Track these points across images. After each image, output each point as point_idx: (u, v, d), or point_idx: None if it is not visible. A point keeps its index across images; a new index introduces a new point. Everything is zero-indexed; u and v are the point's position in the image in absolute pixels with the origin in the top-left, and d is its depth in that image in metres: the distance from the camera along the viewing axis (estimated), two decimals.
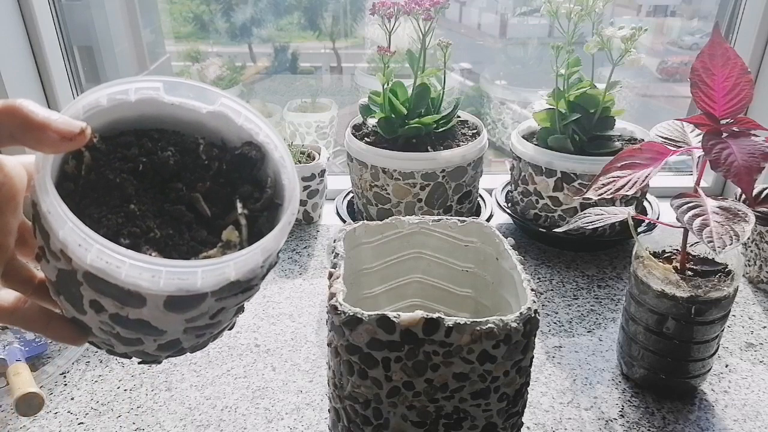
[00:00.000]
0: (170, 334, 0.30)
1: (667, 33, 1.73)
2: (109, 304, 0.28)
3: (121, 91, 0.31)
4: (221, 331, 0.34)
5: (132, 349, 0.32)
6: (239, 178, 0.34)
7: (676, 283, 0.58)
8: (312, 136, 1.52)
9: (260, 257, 0.30)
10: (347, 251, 0.54)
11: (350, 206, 0.96)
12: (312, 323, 0.76)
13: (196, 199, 0.32)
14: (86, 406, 0.63)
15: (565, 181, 0.84)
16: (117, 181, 0.30)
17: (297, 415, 0.62)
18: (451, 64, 0.90)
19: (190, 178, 0.32)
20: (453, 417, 0.46)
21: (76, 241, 0.26)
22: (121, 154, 0.31)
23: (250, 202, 0.33)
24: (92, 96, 0.30)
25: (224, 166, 0.34)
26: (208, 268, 0.28)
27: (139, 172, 0.31)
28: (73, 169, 0.30)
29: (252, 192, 0.33)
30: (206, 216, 0.32)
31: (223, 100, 0.33)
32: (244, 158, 0.34)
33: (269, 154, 0.34)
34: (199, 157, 0.33)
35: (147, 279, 0.27)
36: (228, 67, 1.64)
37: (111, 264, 0.27)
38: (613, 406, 0.63)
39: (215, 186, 0.33)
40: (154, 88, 0.32)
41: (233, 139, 0.34)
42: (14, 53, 0.92)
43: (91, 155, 0.30)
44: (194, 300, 0.29)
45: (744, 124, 0.55)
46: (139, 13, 1.48)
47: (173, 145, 0.33)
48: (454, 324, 0.42)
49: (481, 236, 0.57)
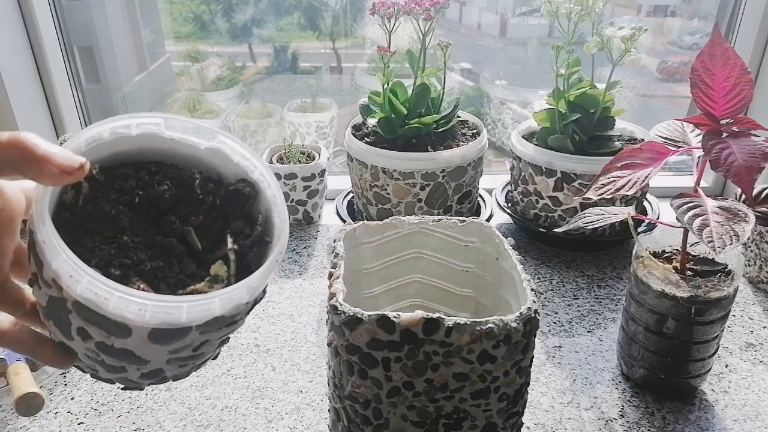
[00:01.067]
0: (154, 363, 0.31)
1: (667, 33, 1.73)
2: (95, 333, 0.29)
3: (124, 126, 0.32)
4: (204, 362, 0.35)
5: (115, 376, 0.33)
6: (232, 213, 0.35)
7: (676, 283, 0.58)
8: (312, 136, 1.52)
9: (246, 294, 0.31)
10: (347, 251, 0.54)
11: (350, 206, 0.96)
12: (312, 323, 0.76)
13: (188, 232, 0.33)
14: (86, 406, 0.63)
15: (565, 181, 0.84)
16: (112, 213, 0.31)
17: (297, 415, 0.62)
18: (451, 64, 0.90)
19: (184, 211, 0.33)
20: (453, 417, 0.46)
21: (68, 272, 0.27)
22: (118, 186, 0.32)
23: (240, 238, 0.33)
24: (95, 129, 0.31)
25: (218, 201, 0.35)
26: (194, 304, 0.29)
27: (134, 204, 0.32)
28: (71, 199, 0.31)
29: (243, 228, 0.34)
30: (197, 249, 0.32)
31: (221, 138, 0.34)
32: (237, 194, 0.35)
33: (262, 192, 0.35)
34: (194, 191, 0.34)
35: (134, 312, 0.28)
36: (228, 67, 1.64)
37: (100, 296, 0.27)
38: (613, 406, 0.63)
39: (208, 220, 0.34)
40: (155, 123, 0.33)
41: (229, 176, 0.35)
42: (14, 53, 0.92)
43: (90, 186, 0.31)
44: (179, 333, 0.29)
45: (744, 124, 0.55)
46: (139, 13, 1.48)
47: (170, 178, 0.34)
48: (454, 324, 0.42)
49: (481, 236, 0.57)
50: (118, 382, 0.33)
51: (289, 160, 0.98)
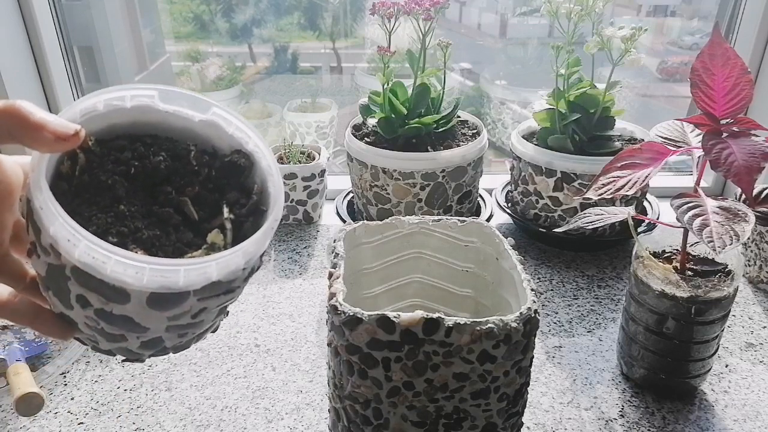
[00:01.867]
0: (153, 331, 0.31)
1: (667, 33, 1.73)
2: (94, 299, 0.29)
3: (118, 97, 0.33)
4: (204, 333, 0.35)
5: (116, 346, 0.33)
6: (227, 184, 0.35)
7: (676, 283, 0.58)
8: (312, 136, 1.52)
9: (242, 259, 0.31)
10: (347, 251, 0.54)
11: (350, 206, 0.96)
12: (312, 323, 0.76)
13: (185, 202, 0.33)
14: (86, 406, 0.63)
15: (565, 181, 0.84)
16: (108, 183, 0.31)
17: (297, 415, 0.62)
18: (451, 64, 0.90)
19: (179, 182, 0.34)
20: (453, 417, 0.46)
21: (66, 236, 0.28)
22: (114, 158, 0.33)
23: (236, 208, 0.34)
24: (90, 101, 0.32)
25: (213, 172, 0.35)
26: (191, 267, 0.29)
27: (130, 175, 0.32)
28: (68, 170, 0.31)
29: (239, 198, 0.34)
30: (194, 219, 0.33)
31: (215, 110, 0.35)
32: (233, 165, 0.35)
33: (257, 162, 0.35)
34: (189, 162, 0.34)
35: (131, 275, 0.28)
36: (228, 67, 1.64)
37: (97, 259, 0.28)
38: (613, 406, 0.63)
39: (204, 191, 0.34)
40: (149, 95, 0.34)
41: (224, 147, 0.36)
42: (14, 53, 0.92)
43: (86, 157, 0.31)
44: (177, 298, 0.30)
45: (744, 124, 0.55)
46: (139, 13, 1.48)
47: (165, 150, 0.34)
48: (454, 324, 0.42)
49: (481, 236, 0.57)
50: (118, 353, 0.34)
51: (289, 160, 0.98)
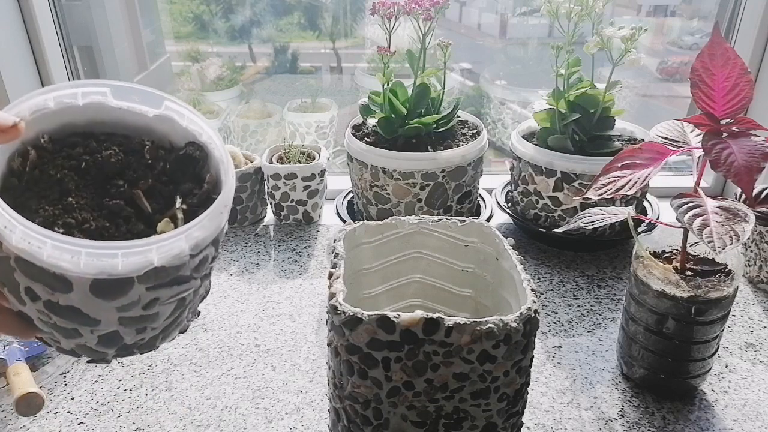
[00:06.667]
0: (105, 324, 0.31)
1: (667, 33, 1.73)
2: (40, 290, 0.29)
3: (69, 95, 0.33)
4: (168, 330, 0.35)
5: (74, 343, 0.33)
6: (182, 176, 0.35)
7: (676, 283, 0.58)
8: (312, 136, 1.52)
9: (185, 243, 0.31)
10: (347, 251, 0.54)
11: (350, 206, 0.96)
12: (312, 323, 0.76)
13: (137, 195, 0.34)
14: (86, 406, 0.63)
15: (565, 181, 0.84)
16: (58, 177, 0.32)
17: (297, 415, 0.62)
18: (451, 64, 0.90)
19: (133, 176, 0.34)
20: (453, 417, 0.46)
21: (3, 224, 0.28)
22: (66, 153, 0.33)
23: (189, 198, 0.34)
24: (39, 98, 0.32)
25: (168, 165, 0.35)
26: (129, 251, 0.29)
27: (81, 170, 0.33)
28: (19, 166, 0.32)
29: (192, 189, 0.35)
30: (147, 212, 0.33)
31: (168, 104, 0.35)
32: (187, 158, 0.36)
33: (211, 153, 0.36)
34: (143, 157, 0.35)
35: (67, 260, 0.28)
36: (228, 67, 1.64)
37: (33, 245, 0.28)
38: (613, 406, 0.63)
39: (158, 184, 0.35)
40: (101, 92, 0.34)
41: (179, 141, 0.36)
42: (14, 53, 0.92)
43: (37, 153, 0.32)
44: (120, 285, 0.29)
45: (744, 124, 0.55)
46: (139, 13, 1.48)
47: (119, 146, 0.35)
48: (454, 324, 0.42)
49: (481, 236, 0.57)
50: (80, 352, 0.34)
51: (289, 160, 0.98)
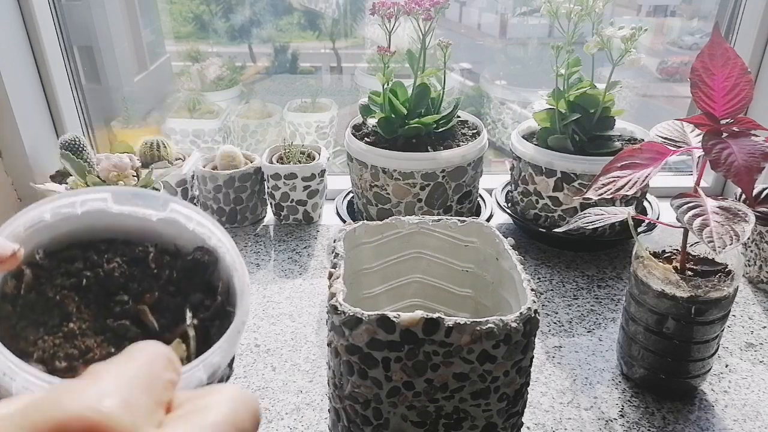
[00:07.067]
0: None
1: (667, 33, 1.73)
2: None
3: (67, 204, 0.31)
4: None
5: None
6: (190, 285, 0.33)
7: (676, 283, 0.58)
8: (312, 136, 1.52)
9: (203, 373, 0.28)
10: (347, 251, 0.54)
11: (350, 206, 0.96)
12: (312, 323, 0.76)
13: (143, 311, 0.31)
14: None
15: (565, 181, 0.84)
16: (57, 299, 0.29)
17: (297, 415, 0.62)
18: (451, 64, 0.90)
19: (137, 289, 0.31)
20: (453, 417, 0.46)
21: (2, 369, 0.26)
22: (64, 269, 0.31)
23: (200, 311, 0.32)
24: (35, 211, 0.30)
25: (175, 273, 0.33)
26: None
27: (82, 288, 0.30)
28: (12, 290, 0.29)
29: (203, 300, 0.32)
30: (154, 329, 0.30)
31: (173, 206, 0.33)
32: (196, 264, 0.33)
33: (221, 257, 0.33)
34: (148, 266, 0.32)
35: None
36: (228, 67, 1.64)
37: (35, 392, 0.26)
38: (613, 406, 0.63)
39: (165, 295, 0.32)
40: (101, 198, 0.32)
41: (186, 245, 0.34)
42: (14, 53, 0.92)
43: (33, 273, 0.30)
44: None
45: (744, 124, 0.55)
46: (139, 13, 1.48)
47: (121, 255, 0.32)
48: (454, 324, 0.42)
49: (481, 236, 0.57)
50: None
51: (289, 160, 0.98)
